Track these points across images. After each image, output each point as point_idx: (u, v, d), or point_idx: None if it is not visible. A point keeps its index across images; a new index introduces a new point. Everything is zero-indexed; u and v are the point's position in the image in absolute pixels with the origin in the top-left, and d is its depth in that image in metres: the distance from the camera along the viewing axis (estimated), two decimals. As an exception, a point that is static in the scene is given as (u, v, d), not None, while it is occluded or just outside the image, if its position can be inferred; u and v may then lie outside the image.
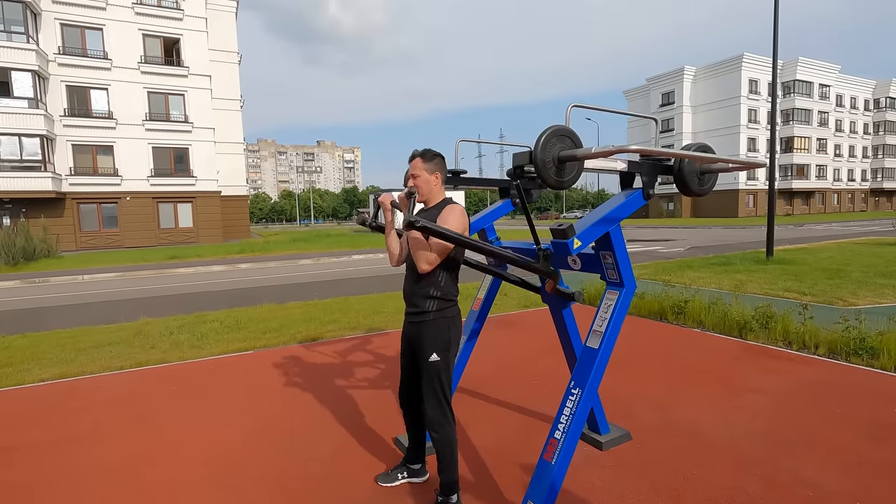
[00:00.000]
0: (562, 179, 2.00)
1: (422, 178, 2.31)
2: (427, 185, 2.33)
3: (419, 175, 2.31)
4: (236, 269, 15.25)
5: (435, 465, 2.40)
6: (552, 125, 2.01)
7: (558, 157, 1.96)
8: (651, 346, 5.18)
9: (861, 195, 60.81)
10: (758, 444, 2.95)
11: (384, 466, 2.82)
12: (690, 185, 2.54)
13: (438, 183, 2.36)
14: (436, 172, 2.34)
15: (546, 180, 1.98)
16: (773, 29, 11.49)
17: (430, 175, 2.33)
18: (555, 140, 1.95)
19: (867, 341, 4.48)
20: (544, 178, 1.96)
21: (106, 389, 4.34)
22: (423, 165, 2.31)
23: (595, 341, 2.32)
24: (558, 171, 1.98)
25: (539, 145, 1.92)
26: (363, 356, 5.11)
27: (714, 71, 51.05)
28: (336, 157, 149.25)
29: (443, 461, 2.33)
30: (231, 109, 31.90)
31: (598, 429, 3.04)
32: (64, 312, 8.48)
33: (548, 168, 1.95)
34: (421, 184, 2.32)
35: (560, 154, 1.96)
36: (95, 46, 24.96)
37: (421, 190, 2.32)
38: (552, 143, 1.94)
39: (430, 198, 2.36)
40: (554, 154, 1.96)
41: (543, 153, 1.93)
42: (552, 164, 1.95)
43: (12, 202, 23.21)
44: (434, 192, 2.35)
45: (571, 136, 2.01)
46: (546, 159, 1.94)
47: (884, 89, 59.62)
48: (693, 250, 16.08)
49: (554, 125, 2.00)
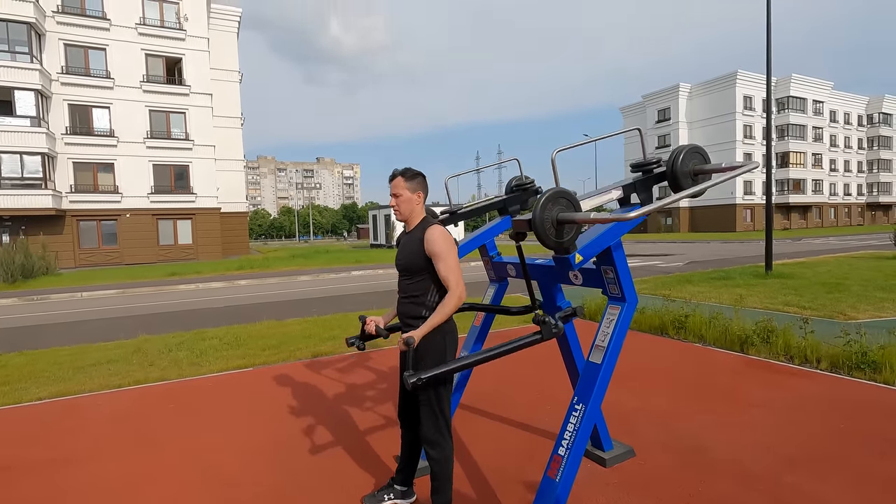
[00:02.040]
0: (561, 241, 2.06)
1: (403, 196, 2.33)
2: (408, 205, 2.35)
3: (400, 194, 2.33)
4: (235, 286, 15.22)
5: (424, 486, 2.36)
6: (549, 189, 2.06)
7: (557, 220, 2.02)
8: (652, 361, 5.17)
9: (857, 209, 61.18)
10: (761, 460, 2.93)
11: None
12: (684, 186, 2.55)
13: (420, 202, 2.38)
14: (417, 191, 2.35)
15: (546, 243, 2.04)
16: (766, 46, 11.70)
17: (412, 194, 2.34)
18: (551, 205, 2.01)
19: (869, 355, 4.47)
20: (544, 240, 2.03)
21: (104, 408, 4.31)
22: (405, 184, 2.33)
23: (598, 356, 2.33)
24: (557, 233, 2.03)
25: (537, 210, 1.98)
26: (363, 373, 5.09)
27: (709, 88, 51.77)
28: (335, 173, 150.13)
29: (437, 481, 2.29)
30: (231, 127, 32.19)
31: (602, 445, 3.02)
32: (62, 330, 8.44)
33: (547, 231, 2.01)
34: (402, 203, 2.34)
35: (559, 216, 2.02)
36: (98, 66, 25.28)
37: (402, 209, 2.35)
38: (549, 207, 2.00)
39: (412, 218, 2.38)
40: (552, 217, 2.01)
41: (542, 216, 1.99)
42: (551, 227, 2.01)
43: (12, 219, 23.23)
44: (415, 211, 2.37)
45: (568, 197, 2.07)
46: (545, 224, 1.99)
47: (876, 105, 60.44)
48: (692, 265, 16.11)
49: (551, 189, 2.06)
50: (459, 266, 2.28)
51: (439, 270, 2.24)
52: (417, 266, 2.30)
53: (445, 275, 2.23)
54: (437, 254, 2.24)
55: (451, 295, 2.22)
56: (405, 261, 2.35)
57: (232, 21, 32.40)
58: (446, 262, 2.23)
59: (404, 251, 2.37)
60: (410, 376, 2.02)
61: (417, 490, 2.66)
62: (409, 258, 2.33)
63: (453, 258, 2.25)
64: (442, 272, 2.24)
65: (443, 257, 2.23)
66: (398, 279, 2.44)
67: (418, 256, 2.29)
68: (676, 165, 2.45)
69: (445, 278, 2.23)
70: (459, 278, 2.24)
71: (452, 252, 2.26)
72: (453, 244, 2.30)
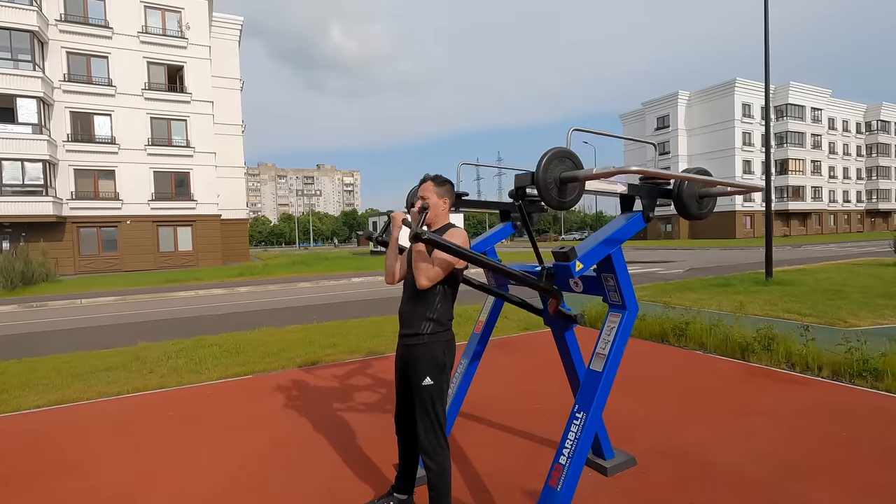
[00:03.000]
0: (563, 200, 2.03)
1: (431, 201, 2.36)
2: (435, 209, 2.37)
3: (429, 198, 2.36)
4: (235, 293, 15.20)
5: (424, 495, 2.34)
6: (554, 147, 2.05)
7: (560, 178, 2.00)
8: (653, 368, 5.15)
9: (857, 216, 61.27)
10: (764, 468, 2.91)
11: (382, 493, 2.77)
12: (690, 208, 2.57)
13: (446, 208, 2.41)
14: (444, 198, 2.40)
15: (548, 201, 2.01)
16: (764, 54, 11.78)
17: (440, 199, 2.38)
18: (556, 161, 1.98)
19: (870, 363, 4.46)
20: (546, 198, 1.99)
21: (103, 416, 4.28)
22: (434, 189, 2.37)
23: (599, 364, 2.32)
24: (560, 191, 2.01)
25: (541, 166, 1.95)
26: (362, 380, 5.07)
27: (708, 95, 52.04)
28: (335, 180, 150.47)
29: (436, 490, 2.27)
30: (232, 134, 32.33)
31: (603, 454, 3.00)
32: (61, 337, 8.42)
33: (549, 189, 1.98)
34: (429, 206, 2.36)
35: (562, 175, 2.00)
36: (100, 74, 25.43)
37: (428, 213, 2.37)
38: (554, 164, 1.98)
39: (436, 221, 2.40)
40: (555, 175, 1.99)
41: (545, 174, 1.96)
42: (554, 185, 1.99)
43: (13, 226, 23.26)
44: (440, 216, 2.40)
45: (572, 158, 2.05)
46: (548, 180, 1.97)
47: (874, 112, 60.73)
48: (692, 272, 16.10)
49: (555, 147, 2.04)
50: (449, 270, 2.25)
51: (434, 255, 2.22)
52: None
53: (438, 262, 2.21)
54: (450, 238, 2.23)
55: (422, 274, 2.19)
56: None
57: (233, 29, 32.63)
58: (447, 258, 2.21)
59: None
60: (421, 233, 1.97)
61: (417, 499, 2.63)
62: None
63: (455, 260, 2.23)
64: (436, 259, 2.21)
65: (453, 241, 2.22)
66: (405, 279, 2.43)
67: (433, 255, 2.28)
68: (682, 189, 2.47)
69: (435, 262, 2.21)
70: (437, 276, 2.21)
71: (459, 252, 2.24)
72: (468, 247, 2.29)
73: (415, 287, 2.32)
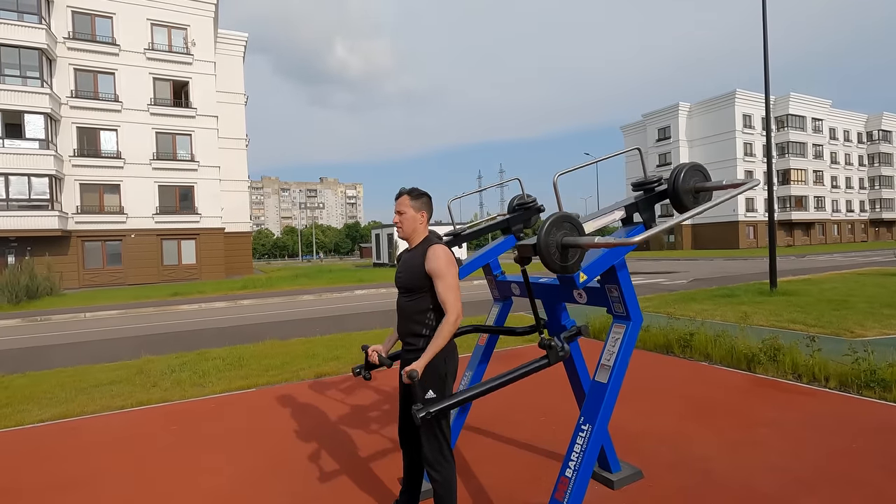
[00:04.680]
0: (566, 265, 2.07)
1: (407, 214, 2.36)
2: (412, 223, 2.37)
3: (405, 212, 2.36)
4: (239, 306, 15.21)
5: None
6: (553, 214, 2.07)
7: (561, 244, 2.03)
8: (659, 380, 5.11)
9: (861, 225, 61.07)
10: (773, 481, 2.88)
11: (390, 508, 2.75)
12: (686, 203, 2.56)
13: (424, 221, 2.40)
14: (422, 211, 2.38)
15: (551, 267, 2.05)
16: (763, 65, 11.86)
17: (417, 213, 2.36)
18: (555, 229, 2.02)
19: (878, 373, 4.42)
20: (549, 264, 2.04)
21: (106, 430, 4.28)
22: (410, 203, 2.36)
23: (603, 375, 2.31)
24: (562, 256, 2.05)
25: (542, 234, 1.99)
26: (366, 393, 5.05)
27: (708, 106, 52.31)
28: (339, 193, 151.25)
29: (441, 503, 2.26)
30: (236, 148, 32.63)
31: (610, 467, 2.97)
32: (65, 351, 8.43)
33: (552, 255, 2.01)
34: (405, 220, 2.36)
35: (563, 241, 2.03)
36: (107, 90, 25.78)
37: (404, 227, 2.37)
38: (553, 231, 2.01)
39: (414, 236, 2.40)
40: (557, 240, 2.02)
41: (547, 240, 1.99)
42: (556, 251, 2.02)
43: (18, 240, 23.42)
44: (418, 230, 2.39)
45: (572, 221, 2.08)
46: (550, 247, 2.00)
47: (875, 122, 60.84)
48: (696, 282, 16.04)
49: (555, 213, 2.07)
50: (458, 286, 2.27)
51: (438, 289, 2.24)
52: (417, 284, 2.30)
53: (444, 295, 2.22)
54: (436, 272, 2.23)
55: (447, 317, 2.20)
56: (405, 278, 2.35)
57: (238, 45, 33.11)
58: (445, 281, 2.23)
59: (405, 269, 2.37)
60: (419, 410, 1.98)
61: (422, 513, 2.62)
62: (409, 276, 2.33)
63: (453, 278, 2.25)
64: (441, 291, 2.23)
65: (442, 276, 2.23)
66: (398, 297, 2.44)
67: (419, 274, 2.28)
68: (678, 183, 2.47)
69: (444, 298, 2.22)
70: (457, 299, 2.23)
71: (452, 271, 2.26)
72: (454, 264, 2.30)
73: (409, 300, 2.34)
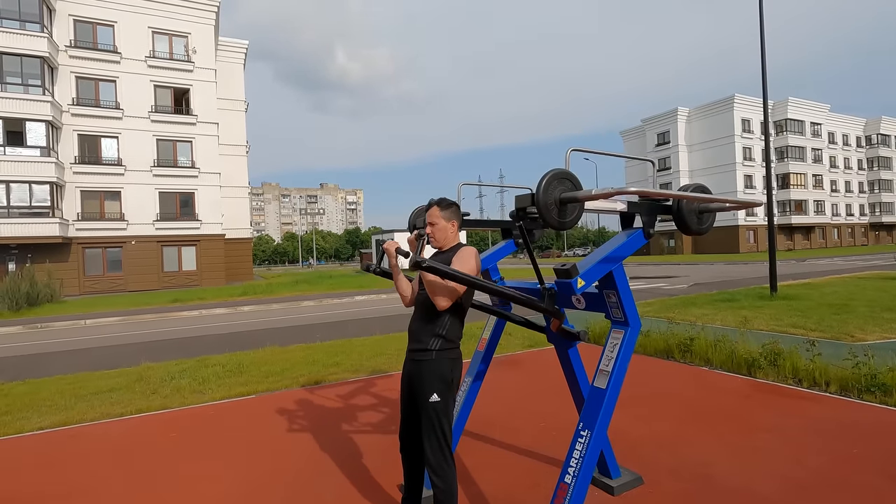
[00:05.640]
0: (563, 220, 2.07)
1: (439, 226, 2.42)
2: (444, 233, 2.43)
3: (436, 223, 2.42)
4: (239, 312, 15.20)
5: None
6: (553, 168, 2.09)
7: (560, 199, 2.03)
8: (658, 385, 5.10)
9: (861, 229, 61.10)
10: (774, 487, 2.87)
11: (390, 515, 2.74)
12: (689, 224, 2.59)
13: (455, 230, 2.47)
14: (452, 220, 2.45)
15: (548, 221, 2.04)
16: (761, 70, 11.92)
17: (447, 223, 2.44)
18: (556, 183, 2.02)
19: (879, 378, 4.41)
20: (546, 219, 2.03)
21: (106, 437, 4.27)
22: (440, 213, 2.43)
23: (602, 381, 2.31)
24: (560, 212, 2.04)
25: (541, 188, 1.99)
26: (367, 399, 5.04)
27: (707, 111, 52.50)
28: (339, 199, 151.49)
29: None
30: (237, 155, 32.74)
31: (609, 472, 2.96)
32: (65, 358, 8.42)
33: (550, 209, 2.01)
34: (438, 231, 2.43)
35: (561, 196, 2.03)
36: (108, 97, 25.91)
37: (437, 237, 2.43)
38: (553, 185, 2.02)
39: (446, 243, 2.46)
40: (555, 196, 2.03)
41: (545, 195, 2.00)
42: (554, 206, 2.02)
43: (19, 247, 23.45)
44: (450, 238, 2.46)
45: (572, 179, 2.09)
46: (548, 201, 2.00)
47: (874, 126, 61.05)
48: (696, 287, 16.03)
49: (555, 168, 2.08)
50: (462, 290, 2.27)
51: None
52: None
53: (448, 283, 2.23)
54: (459, 259, 2.28)
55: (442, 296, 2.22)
56: None
57: (239, 53, 33.31)
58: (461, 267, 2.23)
59: None
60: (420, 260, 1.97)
61: (422, 520, 2.61)
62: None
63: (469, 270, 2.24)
64: None
65: (461, 263, 2.26)
66: (417, 296, 2.46)
67: None
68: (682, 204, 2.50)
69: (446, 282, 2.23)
70: (455, 292, 2.24)
71: (470, 268, 2.27)
72: (477, 267, 2.33)
73: (426, 304, 2.34)
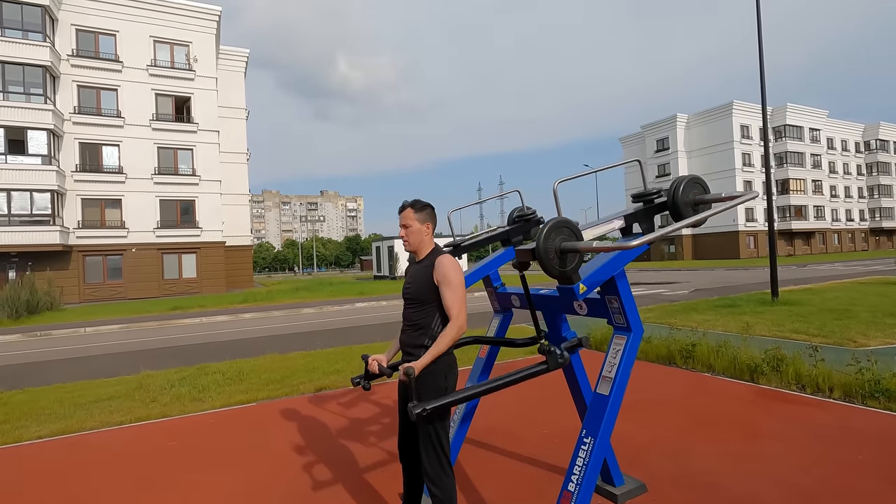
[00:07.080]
0: (564, 270, 2.07)
1: (412, 227, 2.36)
2: (418, 236, 2.37)
3: (410, 225, 2.37)
4: (239, 320, 15.17)
5: None
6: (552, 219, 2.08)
7: (560, 249, 2.04)
8: (661, 391, 5.08)
9: (861, 234, 61.11)
10: (778, 494, 2.84)
11: (391, 524, 2.71)
12: (685, 215, 2.57)
13: (429, 233, 2.40)
14: (426, 222, 2.38)
15: (550, 272, 2.06)
16: (759, 76, 11.98)
17: (421, 225, 2.37)
18: (554, 234, 2.03)
19: (882, 383, 4.38)
20: (548, 269, 2.05)
21: (105, 446, 4.24)
22: (414, 215, 2.37)
23: (605, 387, 2.30)
24: (561, 262, 2.05)
25: (541, 239, 2.00)
26: (366, 407, 5.01)
27: (706, 117, 52.71)
28: (339, 206, 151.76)
29: None
30: (238, 162, 32.83)
31: (613, 480, 2.94)
32: (64, 366, 8.39)
33: (551, 260, 2.02)
34: (411, 233, 2.37)
35: (562, 246, 2.04)
36: (109, 106, 26.04)
37: (411, 240, 2.38)
38: (552, 236, 2.03)
39: (421, 248, 2.40)
40: (556, 245, 2.03)
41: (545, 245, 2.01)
42: (555, 256, 2.03)
43: (20, 255, 23.45)
44: (424, 242, 2.40)
45: (570, 227, 2.09)
46: (548, 252, 2.01)
47: (872, 132, 61.24)
48: (697, 292, 16.00)
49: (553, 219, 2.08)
50: (465, 297, 2.27)
51: (444, 297, 2.24)
52: (425, 296, 2.30)
53: (450, 303, 2.23)
54: (444, 280, 2.24)
55: (452, 324, 2.21)
56: (413, 290, 2.35)
57: (239, 61, 33.50)
58: (452, 289, 2.23)
59: (413, 280, 2.38)
60: (415, 407, 1.99)
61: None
62: (417, 287, 2.33)
63: (460, 287, 2.26)
64: (447, 299, 2.23)
65: (449, 284, 2.24)
66: (404, 308, 2.44)
67: (427, 286, 2.29)
68: (677, 196, 2.49)
69: (449, 306, 2.23)
70: (463, 308, 2.23)
71: (460, 281, 2.27)
72: (462, 274, 2.30)
73: (416, 311, 2.34)
